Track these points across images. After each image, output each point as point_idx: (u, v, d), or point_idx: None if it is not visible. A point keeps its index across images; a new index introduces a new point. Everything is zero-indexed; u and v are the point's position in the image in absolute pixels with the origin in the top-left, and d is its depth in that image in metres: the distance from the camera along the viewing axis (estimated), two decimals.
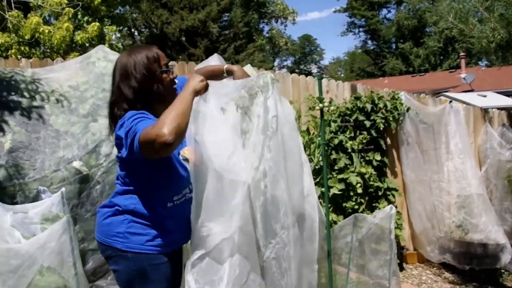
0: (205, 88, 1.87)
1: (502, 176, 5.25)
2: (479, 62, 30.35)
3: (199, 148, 1.90)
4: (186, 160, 1.99)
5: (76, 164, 3.12)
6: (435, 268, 5.03)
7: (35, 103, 3.11)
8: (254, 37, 23.92)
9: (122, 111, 1.87)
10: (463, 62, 23.65)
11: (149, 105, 1.90)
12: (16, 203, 2.64)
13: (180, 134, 1.63)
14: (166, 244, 1.94)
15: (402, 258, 4.93)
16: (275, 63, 43.55)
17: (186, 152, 1.98)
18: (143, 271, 1.88)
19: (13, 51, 6.37)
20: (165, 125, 1.59)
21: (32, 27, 6.24)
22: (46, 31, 6.40)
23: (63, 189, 2.51)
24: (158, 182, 1.90)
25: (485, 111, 5.76)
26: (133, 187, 1.91)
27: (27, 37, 6.30)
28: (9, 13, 5.05)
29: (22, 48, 6.51)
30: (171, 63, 2.52)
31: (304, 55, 53.01)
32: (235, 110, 2.10)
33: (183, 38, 19.63)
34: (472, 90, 15.69)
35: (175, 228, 1.98)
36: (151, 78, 1.89)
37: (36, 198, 2.77)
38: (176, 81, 2.01)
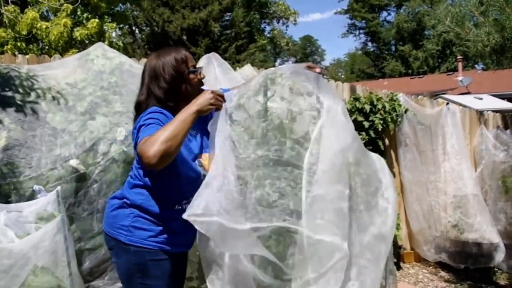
0: (215, 107, 1.87)
1: (497, 177, 5.32)
2: (476, 66, 30.37)
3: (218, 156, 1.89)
4: (202, 166, 1.98)
5: (73, 162, 3.09)
6: (431, 267, 5.07)
7: (31, 100, 3.09)
8: (256, 37, 23.87)
9: (152, 105, 1.94)
10: (460, 65, 23.68)
11: (177, 104, 1.94)
12: (10, 202, 2.62)
13: (166, 157, 1.66)
14: (169, 242, 1.94)
15: (399, 257, 4.96)
16: (276, 64, 43.53)
17: (203, 158, 1.99)
18: (143, 265, 1.91)
19: (9, 46, 6.32)
20: (153, 146, 1.64)
21: (28, 22, 6.19)
22: (44, 26, 6.36)
23: (58, 187, 2.49)
24: (168, 184, 1.92)
25: (480, 113, 5.80)
26: (144, 182, 1.94)
27: (23, 32, 6.25)
28: (5, 7, 5.03)
29: (19, 44, 6.46)
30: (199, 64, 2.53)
31: (305, 56, 53.00)
32: None
33: (184, 37, 19.59)
34: (469, 93, 15.72)
35: (180, 229, 1.97)
36: (179, 79, 1.97)
37: (31, 197, 2.74)
38: (204, 81, 2.06)
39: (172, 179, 1.92)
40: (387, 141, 5.00)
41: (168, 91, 1.95)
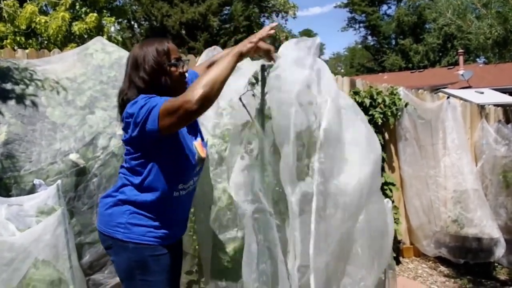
0: (254, 50, 1.89)
1: (497, 171, 5.31)
2: (477, 59, 30.32)
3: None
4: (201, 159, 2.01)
5: (73, 156, 3.10)
6: (430, 262, 5.08)
7: (31, 95, 3.09)
8: (255, 31, 23.55)
9: (134, 95, 1.91)
10: (461, 59, 23.64)
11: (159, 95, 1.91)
12: (11, 196, 2.63)
13: (207, 102, 1.68)
14: (166, 236, 1.95)
15: (398, 252, 4.97)
16: None
17: (196, 145, 1.99)
18: (143, 261, 1.90)
19: (8, 41, 6.30)
20: (194, 90, 1.66)
21: (27, 16, 6.17)
22: (43, 21, 6.33)
23: (59, 181, 2.50)
24: (166, 167, 1.90)
25: (481, 107, 5.79)
26: (138, 176, 1.92)
27: (22, 26, 6.23)
28: (4, 2, 5.01)
29: (18, 39, 6.44)
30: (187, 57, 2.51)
31: None
32: None
33: (183, 31, 19.54)
34: (470, 87, 15.69)
35: (176, 221, 2.01)
36: (160, 71, 1.93)
37: (32, 190, 2.75)
38: (187, 74, 2.02)
39: (172, 162, 1.91)
40: (387, 135, 4.99)
41: (148, 81, 1.92)
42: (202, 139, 2.10)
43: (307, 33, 52.21)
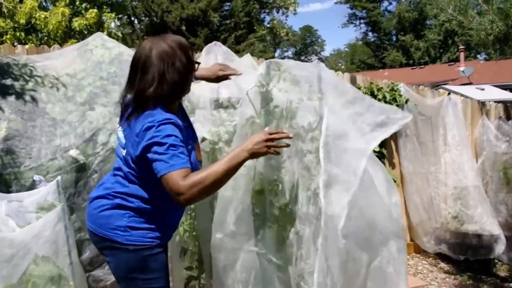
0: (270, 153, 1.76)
1: (498, 168, 5.30)
2: (478, 56, 30.31)
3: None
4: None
5: (73, 152, 3.10)
6: (431, 258, 5.09)
7: (31, 91, 3.09)
8: (255, 27, 23.72)
9: (163, 91, 1.78)
10: (462, 55, 23.60)
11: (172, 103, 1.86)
12: (11, 192, 2.63)
13: (199, 200, 1.72)
14: (163, 236, 1.94)
15: None
16: (276, 54, 43.40)
17: (196, 149, 1.97)
18: (143, 262, 1.88)
19: (8, 36, 6.28)
20: (193, 189, 1.61)
21: (27, 11, 6.15)
22: (42, 16, 6.31)
23: (58, 177, 2.50)
24: None
25: (482, 104, 5.77)
26: (135, 185, 1.88)
27: (22, 21, 6.21)
28: None
29: (18, 34, 6.42)
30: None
31: (305, 46, 52.82)
32: None
33: (184, 27, 19.49)
34: (470, 83, 15.66)
35: (175, 222, 2.04)
36: (191, 67, 1.87)
37: (32, 187, 2.75)
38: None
39: None
40: None
41: (183, 74, 1.81)
42: (197, 138, 2.07)
43: (308, 29, 52.13)
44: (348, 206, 1.94)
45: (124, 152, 1.88)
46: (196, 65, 1.91)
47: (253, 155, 1.72)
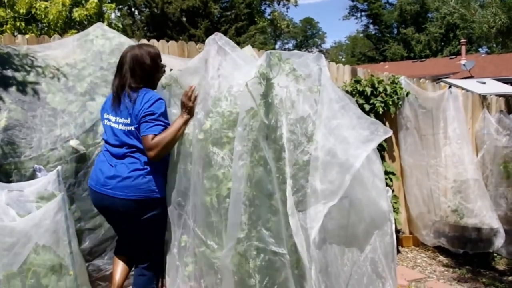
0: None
1: (498, 162, 5.31)
2: (479, 49, 30.20)
3: None
4: None
5: (73, 143, 3.10)
6: (430, 252, 5.10)
7: (31, 81, 3.08)
8: (256, 19, 23.60)
9: (137, 86, 2.53)
10: (463, 48, 23.52)
11: (153, 86, 2.61)
12: (11, 182, 2.63)
13: (164, 154, 2.44)
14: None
15: (397, 241, 4.96)
16: (277, 46, 43.22)
17: None
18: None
19: (8, 26, 6.24)
20: (157, 148, 2.37)
21: (27, 1, 6.11)
22: (43, 6, 6.27)
23: (59, 167, 2.50)
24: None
25: (483, 97, 5.77)
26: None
27: (22, 11, 6.17)
28: None
29: (18, 24, 6.37)
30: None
31: (305, 39, 52.64)
32: None
33: (184, 19, 19.38)
34: (471, 77, 15.61)
35: None
36: (156, 68, 2.63)
37: (32, 177, 2.76)
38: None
39: None
40: (387, 125, 4.96)
41: (148, 75, 2.57)
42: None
43: (309, 22, 51.90)
44: (323, 218, 2.07)
45: (127, 127, 2.51)
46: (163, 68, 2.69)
47: (188, 113, 2.46)
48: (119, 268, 2.74)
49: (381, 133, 2.17)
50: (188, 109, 2.45)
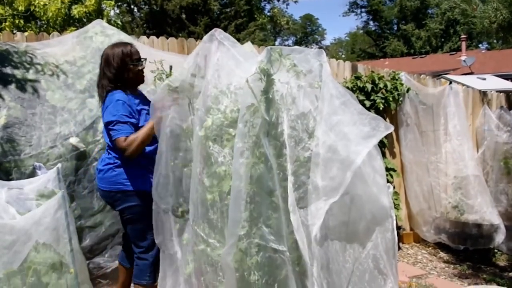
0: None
1: (499, 158, 5.31)
2: (480, 45, 30.11)
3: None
4: None
5: (73, 140, 3.09)
6: (430, 248, 5.10)
7: (30, 78, 3.07)
8: (255, 16, 23.55)
9: (107, 85, 2.61)
10: (463, 44, 23.43)
11: (124, 86, 2.62)
12: (11, 180, 2.63)
13: (140, 150, 2.50)
14: None
15: (398, 237, 4.96)
16: (276, 43, 43.15)
17: None
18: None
19: (7, 23, 6.22)
20: (131, 147, 2.45)
21: None
22: (41, 3, 6.26)
23: (59, 165, 2.49)
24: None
25: (483, 93, 5.75)
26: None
27: (21, 8, 6.15)
28: None
29: (17, 21, 6.36)
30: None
31: (305, 35, 52.49)
32: None
33: (183, 16, 19.33)
34: (472, 73, 15.59)
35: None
36: (123, 68, 2.62)
37: (32, 174, 2.76)
38: (144, 70, 2.71)
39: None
40: (388, 121, 4.96)
41: (115, 74, 2.60)
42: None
43: (308, 18, 51.78)
44: (324, 215, 2.05)
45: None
46: (139, 65, 2.68)
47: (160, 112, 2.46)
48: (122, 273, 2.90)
49: (382, 129, 2.15)
50: (160, 108, 2.48)
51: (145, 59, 2.71)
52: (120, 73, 2.61)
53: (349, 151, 2.10)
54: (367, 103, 4.56)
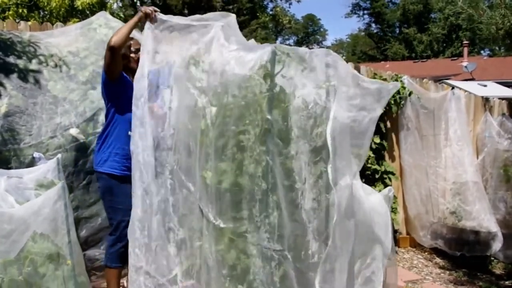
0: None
1: (499, 165, 5.30)
2: (482, 52, 30.12)
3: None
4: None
5: (73, 131, 3.08)
6: (426, 253, 5.09)
7: (33, 67, 3.05)
8: (258, 14, 23.52)
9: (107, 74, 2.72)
10: (465, 50, 23.43)
11: (124, 70, 2.77)
12: (10, 169, 2.61)
13: (119, 43, 2.58)
14: None
15: (394, 241, 4.95)
16: (278, 42, 43.11)
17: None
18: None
19: (10, 12, 6.20)
20: (114, 35, 2.58)
21: None
22: None
23: (59, 155, 2.48)
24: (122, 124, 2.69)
25: (486, 100, 5.75)
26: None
27: None
28: None
29: (20, 10, 6.34)
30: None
31: (307, 35, 52.45)
32: None
33: (186, 11, 19.30)
34: (473, 79, 15.59)
35: None
36: (123, 55, 2.75)
37: (31, 164, 2.74)
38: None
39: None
40: (388, 124, 4.96)
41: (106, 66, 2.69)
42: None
43: (311, 18, 51.75)
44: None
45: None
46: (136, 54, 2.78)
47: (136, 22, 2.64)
48: None
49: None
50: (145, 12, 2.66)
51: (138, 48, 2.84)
52: (107, 65, 2.69)
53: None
54: None
